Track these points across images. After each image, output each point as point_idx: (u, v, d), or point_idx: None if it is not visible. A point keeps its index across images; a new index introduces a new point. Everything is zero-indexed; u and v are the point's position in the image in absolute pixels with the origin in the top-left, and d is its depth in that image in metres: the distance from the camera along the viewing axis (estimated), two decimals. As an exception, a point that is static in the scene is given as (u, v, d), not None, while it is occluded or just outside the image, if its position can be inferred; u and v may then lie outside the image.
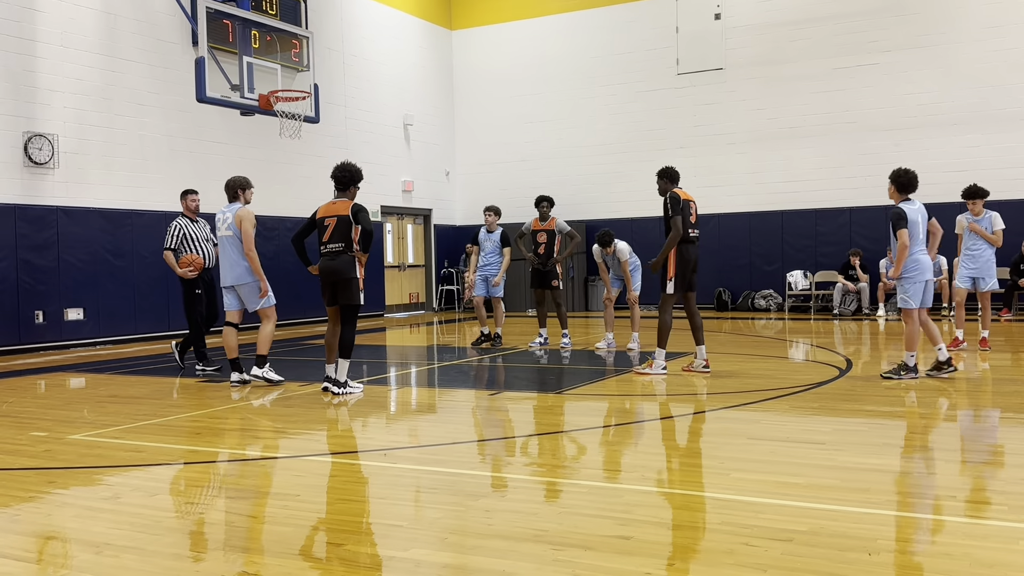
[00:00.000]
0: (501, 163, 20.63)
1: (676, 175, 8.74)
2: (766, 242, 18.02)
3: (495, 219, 11.70)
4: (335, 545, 3.77)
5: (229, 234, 8.39)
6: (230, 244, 8.38)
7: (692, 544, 3.65)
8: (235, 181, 8.55)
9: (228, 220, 8.39)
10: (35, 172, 12.20)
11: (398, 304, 19.64)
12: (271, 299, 8.47)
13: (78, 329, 12.74)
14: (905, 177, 7.92)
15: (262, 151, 15.57)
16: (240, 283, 8.39)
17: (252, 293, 8.40)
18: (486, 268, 11.71)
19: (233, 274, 8.39)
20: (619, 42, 19.32)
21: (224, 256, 8.46)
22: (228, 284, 8.46)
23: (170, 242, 9.58)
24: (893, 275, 7.94)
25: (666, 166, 8.82)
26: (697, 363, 8.66)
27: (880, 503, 4.14)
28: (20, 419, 7.06)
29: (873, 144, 16.87)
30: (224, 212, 8.48)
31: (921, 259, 7.87)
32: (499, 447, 5.84)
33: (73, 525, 4.17)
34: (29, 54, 12.25)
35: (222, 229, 8.46)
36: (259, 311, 8.45)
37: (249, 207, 8.53)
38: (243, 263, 8.34)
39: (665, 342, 8.55)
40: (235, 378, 8.47)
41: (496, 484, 4.76)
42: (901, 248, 7.76)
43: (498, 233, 11.72)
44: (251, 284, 8.38)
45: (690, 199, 8.61)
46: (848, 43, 17.21)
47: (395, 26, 19.44)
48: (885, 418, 6.36)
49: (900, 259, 7.82)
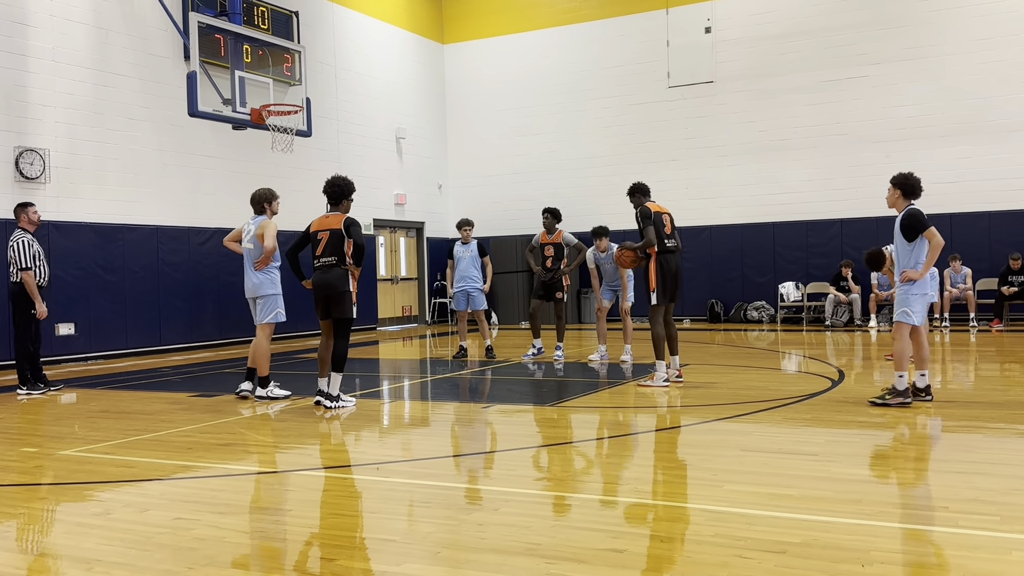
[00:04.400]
0: (493, 176, 20.67)
1: (647, 189, 8.92)
2: (758, 254, 18.07)
3: (470, 231, 11.82)
4: (328, 560, 3.76)
5: (251, 247, 8.39)
6: (249, 256, 8.42)
7: (686, 557, 3.64)
8: (260, 194, 8.52)
9: (251, 232, 8.40)
10: (26, 187, 12.17)
11: (391, 317, 19.62)
12: (280, 315, 8.48)
13: (69, 344, 12.68)
14: (911, 181, 7.35)
15: (254, 165, 15.57)
16: (255, 295, 8.42)
17: (265, 306, 8.41)
18: (465, 281, 11.73)
19: (250, 286, 8.43)
20: (610, 56, 19.41)
21: (246, 267, 8.47)
22: (248, 296, 8.53)
23: (26, 261, 9.23)
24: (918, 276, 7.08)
25: (636, 182, 9.03)
26: (671, 372, 8.74)
27: (873, 514, 4.14)
28: (10, 435, 7.02)
29: (863, 156, 16.97)
30: (249, 224, 8.49)
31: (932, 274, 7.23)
32: (492, 460, 5.82)
33: (64, 541, 4.14)
34: (20, 69, 12.24)
35: (245, 241, 8.47)
36: (260, 324, 8.43)
37: (274, 220, 8.49)
38: (260, 276, 8.36)
39: (662, 353, 8.58)
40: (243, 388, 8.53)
41: (489, 498, 4.75)
42: (937, 247, 7.01)
43: (474, 244, 11.81)
44: (268, 298, 8.38)
45: (663, 211, 8.71)
46: (838, 56, 17.32)
47: (387, 40, 19.49)
48: (878, 429, 6.37)
49: (931, 260, 7.05)
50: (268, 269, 8.40)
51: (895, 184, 7.40)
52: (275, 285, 8.44)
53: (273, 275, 8.45)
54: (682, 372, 8.91)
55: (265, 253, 8.25)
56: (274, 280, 8.45)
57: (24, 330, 9.38)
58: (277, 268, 8.50)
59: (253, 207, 8.52)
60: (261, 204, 8.47)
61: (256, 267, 8.35)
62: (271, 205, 8.51)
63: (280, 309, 8.48)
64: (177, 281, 14.17)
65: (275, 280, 8.46)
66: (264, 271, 8.38)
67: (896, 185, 7.38)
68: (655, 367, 8.67)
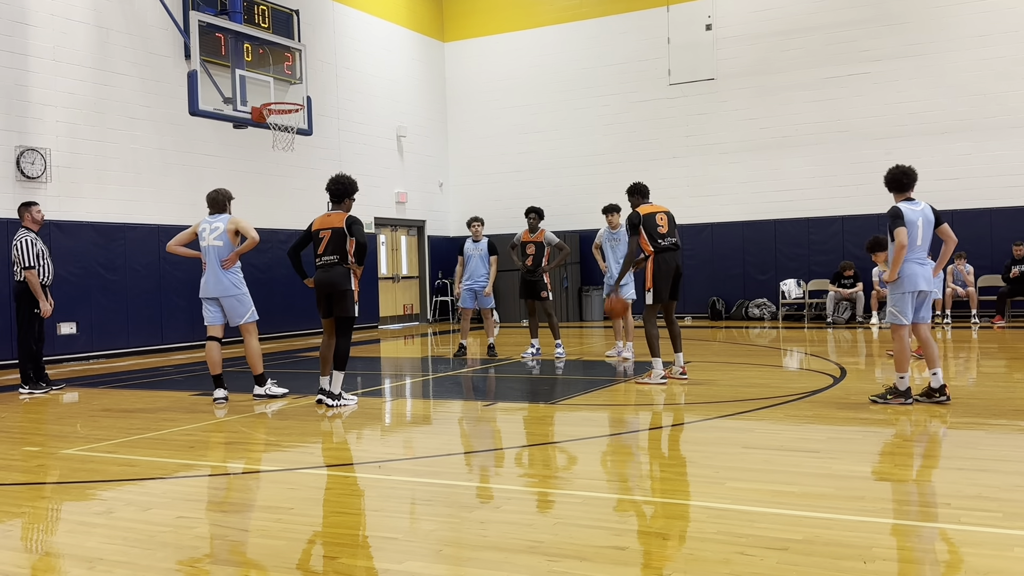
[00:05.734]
0: (494, 174, 20.66)
1: (645, 191, 8.97)
2: (759, 251, 18.06)
3: (481, 228, 11.80)
4: (330, 558, 3.76)
5: (218, 244, 8.13)
6: (216, 254, 8.15)
7: (687, 554, 3.64)
8: (225, 193, 8.36)
9: (219, 230, 8.16)
10: (27, 186, 12.18)
11: (392, 316, 19.63)
12: (255, 314, 8.28)
13: (71, 343, 12.70)
14: (891, 174, 7.18)
15: (255, 164, 15.57)
16: (226, 295, 8.15)
17: (237, 306, 8.18)
18: (474, 279, 11.72)
19: (220, 286, 8.14)
20: (611, 53, 19.39)
21: (210, 267, 8.17)
22: (212, 296, 8.18)
23: (30, 260, 9.20)
24: (887, 279, 7.14)
25: (635, 183, 9.06)
26: (675, 369, 8.82)
27: (875, 511, 4.14)
28: (13, 434, 7.03)
29: (865, 152, 16.95)
30: (211, 222, 8.22)
31: (916, 269, 7.01)
32: (493, 458, 5.83)
33: (66, 540, 4.15)
34: (21, 68, 12.24)
35: (209, 239, 8.18)
36: (241, 326, 8.22)
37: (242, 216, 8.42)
38: (229, 275, 8.16)
39: (657, 351, 8.61)
40: (219, 395, 8.21)
41: (491, 496, 4.75)
42: (898, 248, 6.92)
43: (484, 242, 11.79)
44: (237, 296, 8.17)
45: (657, 210, 8.70)
46: (839, 52, 17.30)
47: (388, 38, 19.49)
48: (879, 426, 6.36)
49: (896, 261, 6.96)
50: (236, 268, 8.19)
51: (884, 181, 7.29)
52: (243, 283, 8.25)
53: (240, 274, 8.25)
54: (686, 369, 8.92)
55: (251, 244, 8.09)
56: (241, 278, 8.25)
57: (27, 329, 9.39)
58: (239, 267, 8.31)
59: (214, 206, 8.27)
60: (226, 203, 8.31)
61: (224, 265, 8.10)
62: (229, 204, 8.36)
63: (253, 307, 8.29)
64: (178, 280, 14.17)
65: (242, 278, 8.26)
66: (232, 270, 8.15)
67: (885, 183, 7.28)
68: (652, 364, 8.69)
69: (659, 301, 8.57)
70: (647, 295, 8.58)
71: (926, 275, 7.05)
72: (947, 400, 7.06)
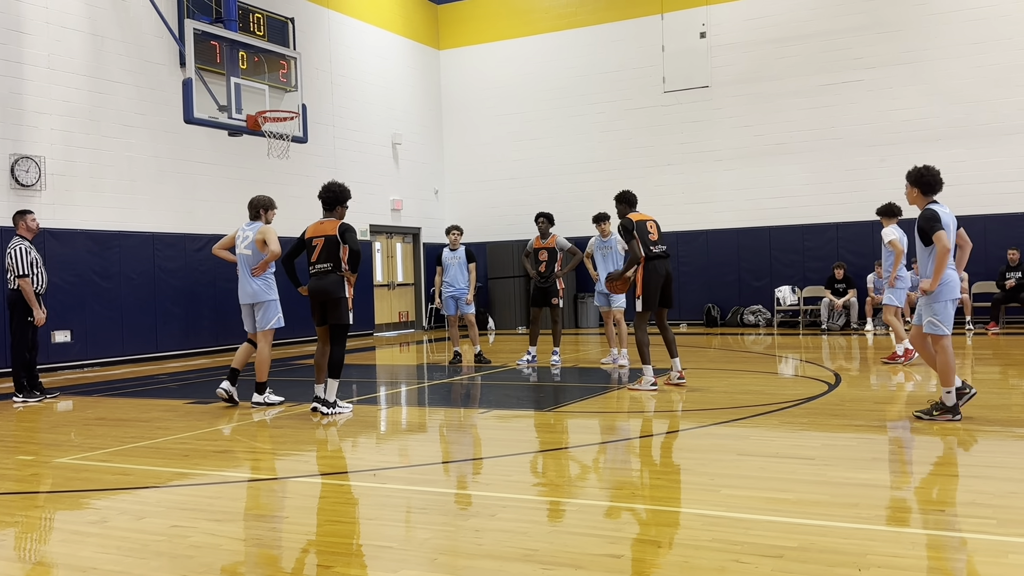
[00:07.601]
0: (490, 181, 20.68)
1: (633, 200, 9.02)
2: (754, 258, 18.09)
3: (458, 237, 11.93)
4: (325, 567, 3.75)
5: (248, 252, 8.39)
6: (246, 262, 8.40)
7: (683, 561, 3.64)
8: (260, 200, 8.53)
9: (249, 239, 8.41)
10: (22, 194, 12.16)
11: (387, 323, 19.61)
12: (279, 321, 8.48)
13: (65, 351, 12.66)
14: (926, 177, 6.71)
15: (250, 172, 15.56)
16: (256, 301, 8.41)
17: (264, 312, 8.41)
18: (454, 287, 11.77)
19: (247, 293, 8.42)
20: (605, 61, 19.44)
21: (241, 274, 8.45)
22: (243, 302, 8.50)
23: (24, 268, 9.19)
24: (929, 288, 6.46)
25: (623, 191, 9.11)
26: (673, 375, 8.86)
27: (870, 518, 4.14)
28: (6, 443, 7.01)
29: (858, 160, 17.02)
30: (244, 230, 8.50)
31: (953, 275, 6.53)
32: (488, 466, 5.82)
33: (60, 549, 4.13)
34: (16, 76, 12.23)
35: (241, 247, 8.47)
36: (263, 331, 8.43)
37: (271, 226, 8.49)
38: (257, 282, 8.36)
39: (648, 358, 8.64)
40: (223, 386, 8.39)
41: (486, 504, 4.74)
42: (942, 254, 6.34)
43: (462, 250, 11.88)
44: (265, 303, 8.39)
45: (647, 218, 8.78)
46: (833, 60, 17.37)
47: (383, 46, 19.51)
48: (874, 433, 6.37)
49: (940, 268, 6.36)
50: (265, 275, 8.41)
51: (911, 181, 6.81)
52: (273, 290, 8.47)
53: (270, 280, 8.47)
54: (683, 373, 8.93)
55: (271, 256, 8.25)
56: (272, 285, 8.47)
57: (21, 337, 9.37)
58: (273, 273, 8.51)
59: (250, 212, 8.54)
60: (258, 210, 8.50)
61: (254, 273, 8.35)
62: (267, 213, 8.52)
63: (279, 314, 8.51)
64: (173, 288, 14.15)
65: (272, 285, 8.48)
66: (262, 276, 8.39)
67: (912, 183, 6.80)
68: (642, 371, 8.71)
69: (648, 309, 8.65)
70: (636, 302, 8.65)
71: (959, 282, 6.64)
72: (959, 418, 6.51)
